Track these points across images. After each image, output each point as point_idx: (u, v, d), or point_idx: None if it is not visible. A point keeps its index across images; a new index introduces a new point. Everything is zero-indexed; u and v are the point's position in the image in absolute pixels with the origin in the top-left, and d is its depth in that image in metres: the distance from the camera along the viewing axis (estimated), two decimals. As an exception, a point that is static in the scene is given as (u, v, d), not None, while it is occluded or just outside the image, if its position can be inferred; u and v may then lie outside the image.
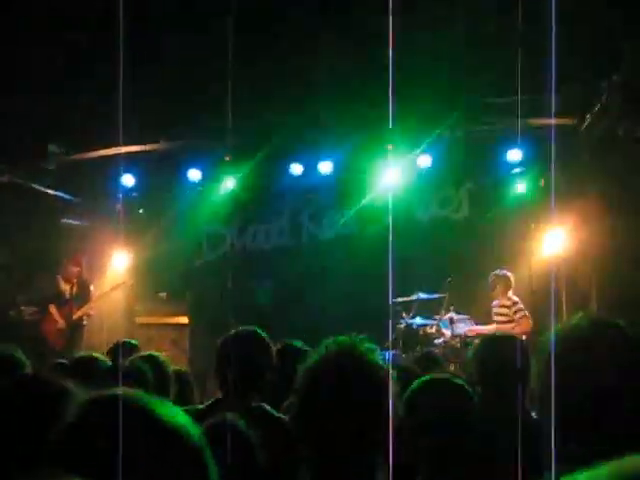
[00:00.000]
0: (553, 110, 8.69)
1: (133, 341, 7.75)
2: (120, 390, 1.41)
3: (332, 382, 2.24)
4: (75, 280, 11.53)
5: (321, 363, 2.31)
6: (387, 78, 9.63)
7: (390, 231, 11.93)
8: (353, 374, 2.24)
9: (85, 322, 11.42)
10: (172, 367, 4.88)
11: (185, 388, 5.17)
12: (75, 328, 11.25)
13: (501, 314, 10.23)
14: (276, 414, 3.95)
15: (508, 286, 10.24)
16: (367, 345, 2.35)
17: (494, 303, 10.36)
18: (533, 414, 3.88)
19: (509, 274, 10.29)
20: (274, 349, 4.22)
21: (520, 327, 9.84)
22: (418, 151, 11.32)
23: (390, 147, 11.19)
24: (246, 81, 10.50)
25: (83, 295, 11.53)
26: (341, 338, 2.36)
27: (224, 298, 12.42)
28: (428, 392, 3.18)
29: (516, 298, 10.21)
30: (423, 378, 3.34)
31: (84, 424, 1.34)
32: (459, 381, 3.32)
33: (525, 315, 9.99)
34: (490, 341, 4.43)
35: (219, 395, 4.18)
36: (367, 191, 12.02)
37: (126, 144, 11.30)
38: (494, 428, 3.43)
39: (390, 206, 11.96)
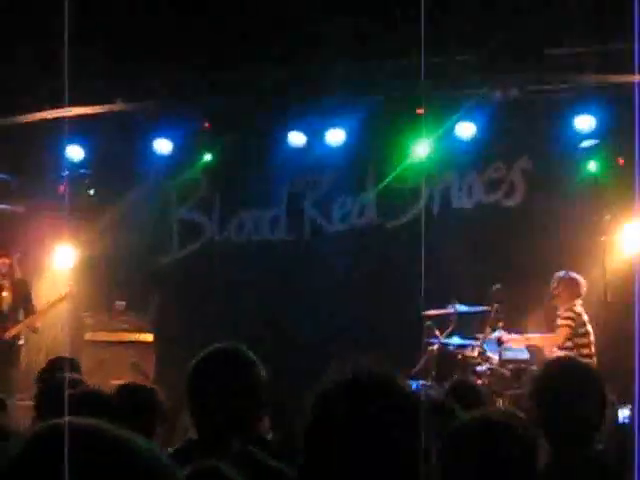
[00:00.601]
0: (638, 62, 8.76)
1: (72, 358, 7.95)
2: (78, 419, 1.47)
3: (349, 416, 2.26)
4: (7, 281, 11.58)
5: (333, 392, 2.33)
6: (417, 17, 9.73)
7: (421, 223, 12.06)
8: (379, 408, 2.27)
9: (22, 341, 11.56)
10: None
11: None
12: (8, 349, 11.39)
13: (563, 326, 10.31)
14: (269, 462, 4.04)
15: (576, 293, 10.28)
16: (391, 371, 2.38)
17: (558, 313, 10.42)
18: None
19: (578, 277, 10.35)
20: (264, 374, 4.25)
21: (549, 339, 10.09)
22: (458, 117, 11.41)
23: (421, 111, 11.27)
24: (229, 22, 10.63)
25: (22, 301, 11.63)
26: (358, 359, 2.38)
27: (199, 308, 12.53)
28: (480, 437, 3.20)
29: (579, 309, 10.26)
30: (471, 416, 3.42)
31: (27, 462, 1.41)
32: (516, 422, 3.38)
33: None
34: (557, 370, 4.44)
35: (192, 435, 4.27)
36: (390, 170, 12.11)
37: (73, 104, 11.39)
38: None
39: (422, 190, 12.05)
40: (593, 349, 10.17)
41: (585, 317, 10.26)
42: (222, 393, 4.05)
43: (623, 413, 8.42)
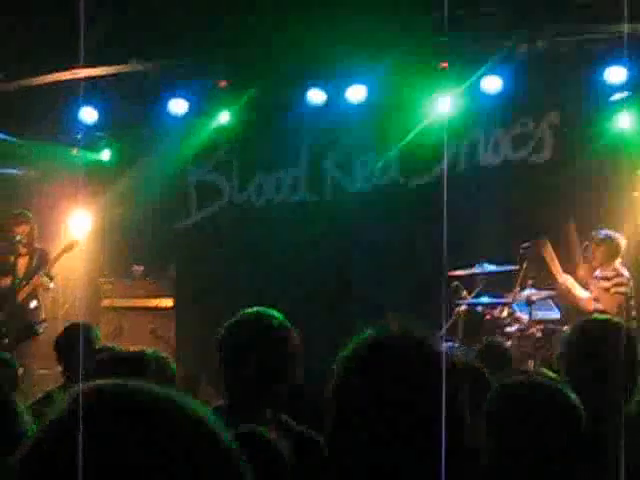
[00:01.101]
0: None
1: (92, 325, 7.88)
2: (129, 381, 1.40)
3: (384, 379, 2.21)
4: (25, 249, 11.46)
5: (366, 353, 2.27)
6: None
7: (445, 181, 11.98)
8: (413, 367, 2.22)
9: (34, 304, 11.42)
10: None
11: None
12: (23, 313, 11.30)
13: (603, 288, 10.12)
14: (302, 430, 4.00)
15: (615, 252, 10.07)
16: (423, 331, 2.33)
17: (596, 274, 10.27)
18: None
19: (617, 236, 10.17)
20: (297, 338, 4.21)
21: (601, 304, 9.90)
22: (483, 71, 11.27)
23: (444, 65, 11.15)
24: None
25: (38, 270, 11.48)
26: (388, 320, 2.34)
27: (219, 272, 12.52)
28: (517, 404, 3.19)
29: (625, 271, 10.09)
30: (506, 382, 3.36)
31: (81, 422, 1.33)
32: (558, 385, 3.33)
33: (623, 293, 9.96)
34: (588, 328, 4.41)
35: (218, 402, 4.22)
36: (414, 126, 11.99)
37: (86, 65, 11.31)
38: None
39: (445, 147, 11.95)
40: (634, 313, 10.03)
41: (631, 282, 10.10)
42: (256, 359, 4.02)
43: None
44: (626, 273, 10.05)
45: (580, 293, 10.10)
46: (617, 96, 11.09)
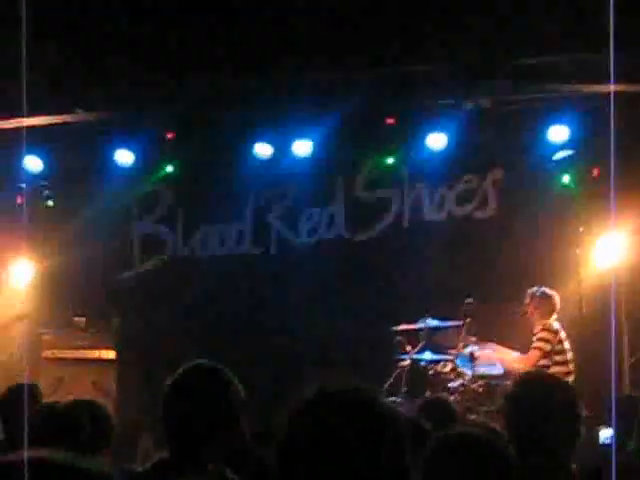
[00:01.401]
0: (613, 72, 8.76)
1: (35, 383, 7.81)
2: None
3: (323, 436, 2.18)
4: None
5: (304, 411, 2.25)
6: (385, 27, 9.69)
7: (390, 236, 12.07)
8: (354, 423, 2.18)
9: None
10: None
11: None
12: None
13: (536, 348, 10.31)
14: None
15: (550, 309, 10.29)
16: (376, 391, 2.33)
17: (534, 331, 10.42)
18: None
19: (552, 293, 10.36)
20: (241, 393, 4.24)
21: (521, 360, 10.08)
22: (428, 128, 11.41)
23: (391, 121, 11.27)
24: (194, 30, 10.58)
25: None
26: (328, 375, 2.32)
27: (162, 324, 12.45)
28: (455, 456, 3.19)
29: (556, 325, 10.27)
30: (448, 433, 3.38)
31: None
32: (492, 437, 3.37)
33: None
34: (528, 384, 4.47)
35: (153, 455, 4.23)
36: (359, 182, 12.10)
37: (31, 114, 11.28)
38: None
39: (392, 203, 12.05)
40: (571, 367, 10.15)
41: (562, 334, 10.25)
42: (199, 411, 4.03)
43: (604, 433, 8.41)
44: (555, 327, 10.21)
45: (507, 356, 10.32)
46: (560, 154, 11.27)
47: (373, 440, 2.18)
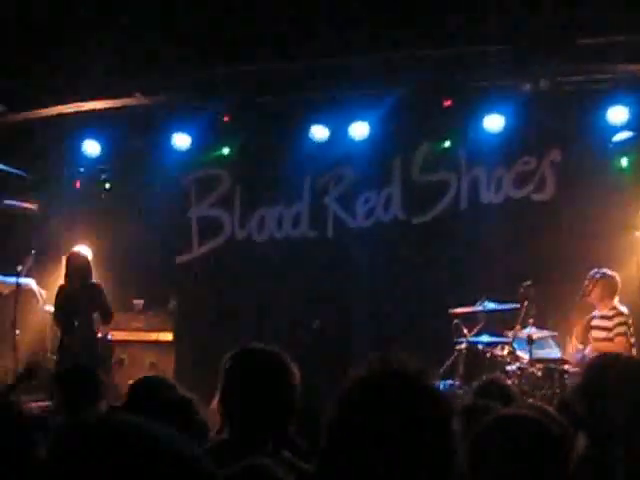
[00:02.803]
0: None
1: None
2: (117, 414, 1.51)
3: (376, 415, 2.23)
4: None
5: (361, 389, 2.29)
6: (445, 7, 9.68)
7: (447, 219, 12.06)
8: (407, 404, 2.24)
9: None
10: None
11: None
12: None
13: (600, 327, 10.25)
14: (301, 465, 4.05)
15: (612, 291, 10.24)
16: (423, 368, 2.34)
17: (594, 313, 10.40)
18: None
19: (613, 274, 10.31)
20: (297, 373, 4.27)
21: (613, 348, 9.97)
22: (486, 110, 11.39)
23: (448, 103, 11.26)
24: (248, 16, 10.64)
25: None
26: (389, 356, 2.33)
27: (220, 307, 12.55)
28: (505, 436, 3.18)
29: (623, 307, 10.22)
30: (499, 413, 3.42)
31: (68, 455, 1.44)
32: (547, 419, 3.36)
33: (623, 334, 10.05)
34: (604, 364, 4.36)
35: (221, 435, 4.29)
36: (416, 164, 12.10)
37: (89, 98, 11.44)
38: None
39: (449, 185, 12.05)
40: (634, 351, 10.12)
41: (626, 314, 10.21)
42: (258, 394, 4.08)
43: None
44: (625, 310, 10.16)
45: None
46: (619, 136, 11.19)
47: (420, 422, 2.23)
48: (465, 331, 10.57)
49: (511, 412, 3.45)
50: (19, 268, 11.60)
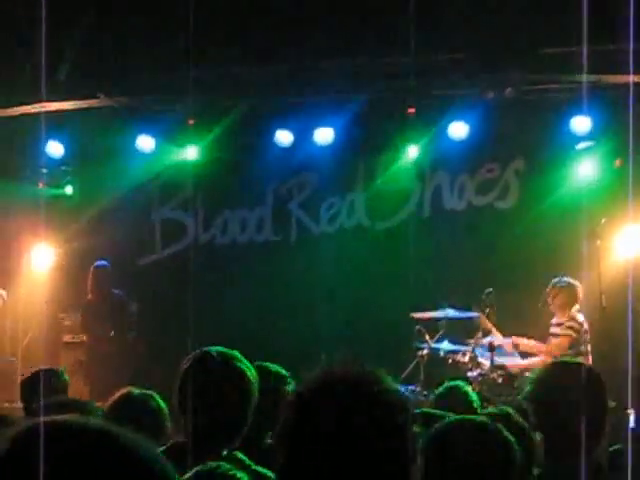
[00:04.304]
0: (632, 63, 8.77)
1: (59, 368, 7.91)
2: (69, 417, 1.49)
3: (330, 419, 2.22)
4: None
5: (314, 392, 2.29)
6: (410, 16, 9.72)
7: (411, 225, 12.10)
8: (362, 408, 2.23)
9: None
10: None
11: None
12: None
13: (559, 336, 10.35)
14: (257, 468, 4.06)
15: (572, 299, 10.32)
16: (380, 371, 2.34)
17: (552, 321, 10.47)
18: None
19: (575, 283, 10.39)
20: (255, 378, 4.28)
21: (547, 347, 10.13)
22: (450, 117, 11.44)
23: (412, 111, 11.30)
24: (216, 20, 10.63)
25: None
26: (343, 358, 2.34)
27: (181, 310, 12.52)
28: (459, 439, 3.21)
29: (581, 316, 10.30)
30: (453, 418, 3.45)
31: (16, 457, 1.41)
32: (498, 425, 3.38)
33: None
34: (554, 371, 4.41)
35: (177, 438, 4.30)
36: (380, 170, 12.14)
37: (53, 100, 11.38)
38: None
39: (413, 191, 12.09)
40: (590, 359, 10.20)
41: (586, 326, 10.29)
42: (212, 397, 4.09)
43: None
44: (581, 319, 10.24)
45: (529, 343, 10.40)
46: (582, 145, 11.27)
47: (376, 425, 2.23)
48: (427, 337, 10.60)
49: (464, 418, 3.47)
50: None
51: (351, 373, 2.31)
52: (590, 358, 10.19)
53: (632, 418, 8.44)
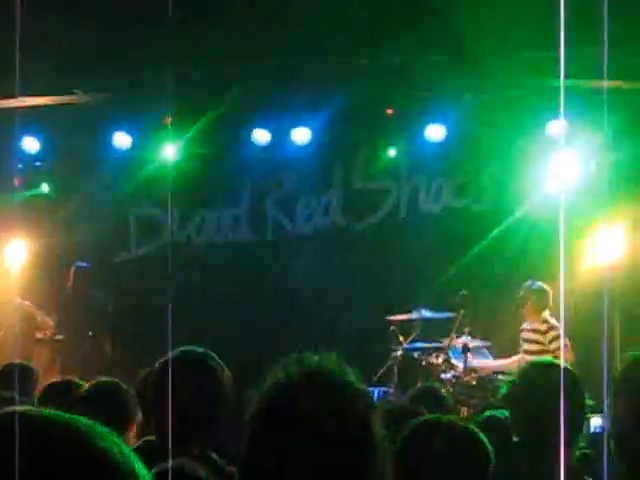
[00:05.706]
0: (605, 68, 8.78)
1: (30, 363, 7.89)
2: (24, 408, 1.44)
3: (293, 419, 2.21)
4: None
5: (277, 391, 2.27)
6: (389, 17, 9.71)
7: (387, 226, 12.12)
8: (325, 406, 2.21)
9: None
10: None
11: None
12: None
13: (531, 341, 10.37)
14: (227, 467, 4.05)
15: (543, 304, 10.37)
16: (345, 368, 2.31)
17: (524, 326, 10.51)
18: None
19: (546, 287, 10.43)
20: (229, 380, 4.27)
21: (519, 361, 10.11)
22: (428, 119, 11.46)
23: (390, 112, 11.31)
24: (194, 18, 10.61)
25: None
26: (308, 356, 2.31)
27: (156, 308, 12.49)
28: (426, 439, 3.23)
29: (554, 321, 10.34)
30: (421, 418, 3.45)
31: None
32: (470, 426, 3.39)
33: (566, 346, 10.13)
34: (530, 371, 4.40)
35: (147, 438, 4.30)
36: (357, 171, 12.15)
37: (29, 95, 11.31)
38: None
39: (389, 193, 12.11)
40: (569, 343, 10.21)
41: (559, 330, 10.28)
42: (187, 396, 4.08)
43: (595, 422, 8.47)
44: (556, 323, 10.26)
45: (502, 362, 10.42)
46: (558, 148, 11.29)
47: (340, 421, 2.21)
48: (401, 338, 10.61)
49: (435, 418, 3.48)
50: None
51: (311, 370, 2.28)
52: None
53: (593, 422, 8.48)
